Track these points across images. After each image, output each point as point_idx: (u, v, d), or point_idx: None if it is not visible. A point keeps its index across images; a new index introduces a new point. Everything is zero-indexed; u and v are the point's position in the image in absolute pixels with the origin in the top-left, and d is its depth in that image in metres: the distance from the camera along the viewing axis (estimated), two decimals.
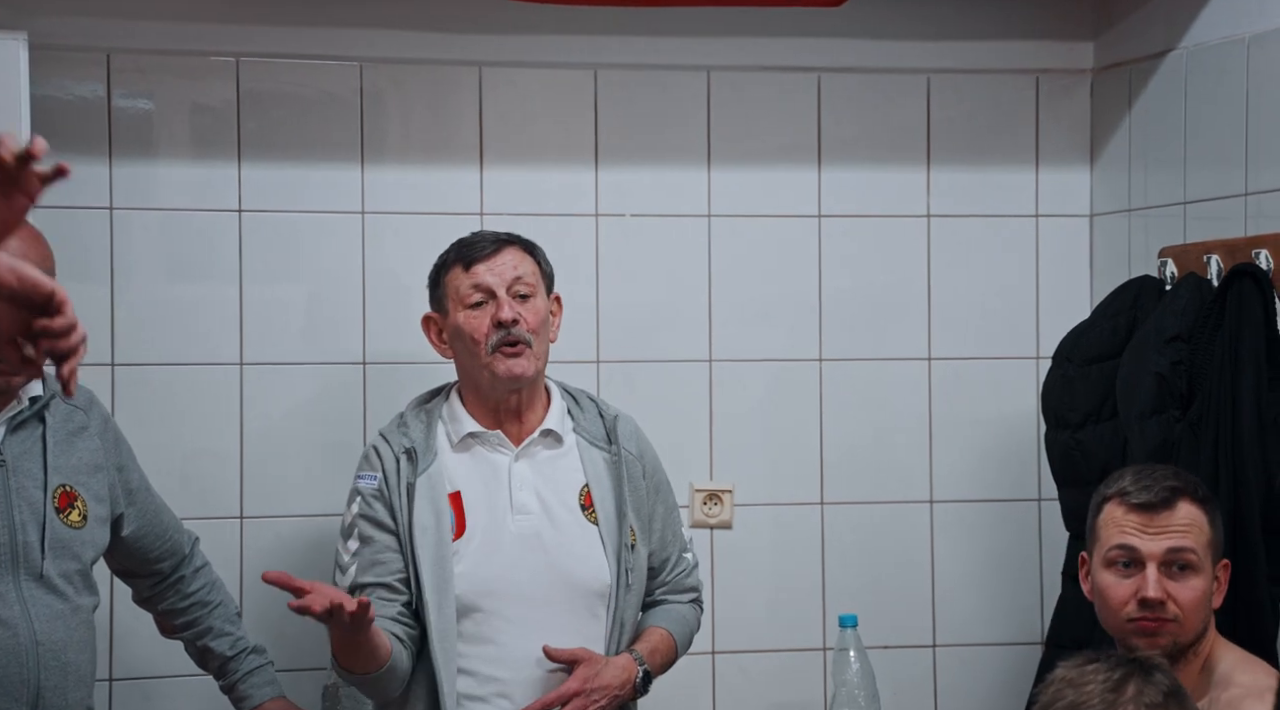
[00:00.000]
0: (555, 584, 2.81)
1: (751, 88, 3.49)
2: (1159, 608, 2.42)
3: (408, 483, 2.79)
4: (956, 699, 3.55)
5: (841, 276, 3.53)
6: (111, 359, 3.23)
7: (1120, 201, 3.50)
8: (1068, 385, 3.15)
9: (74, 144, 3.20)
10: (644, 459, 2.94)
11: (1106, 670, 1.90)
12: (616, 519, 2.84)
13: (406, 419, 2.88)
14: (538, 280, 2.87)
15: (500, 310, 2.80)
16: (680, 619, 2.97)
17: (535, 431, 2.86)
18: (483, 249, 2.85)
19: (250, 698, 2.90)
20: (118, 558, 2.83)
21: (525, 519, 2.81)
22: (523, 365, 2.80)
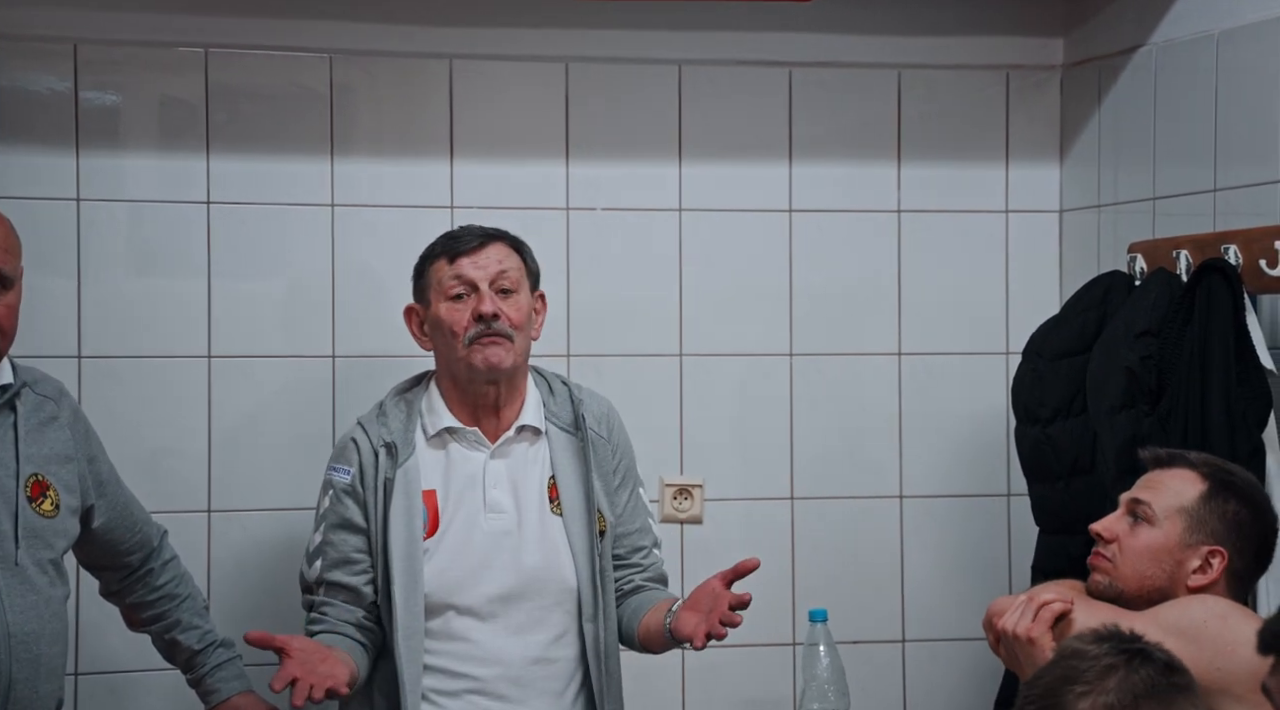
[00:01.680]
0: (524, 581, 2.80)
1: (723, 82, 3.49)
2: (1100, 542, 2.49)
3: (385, 477, 2.77)
4: (925, 693, 3.56)
5: (812, 271, 3.53)
6: (78, 351, 3.21)
7: (1090, 197, 3.51)
8: (1038, 380, 3.16)
9: (41, 135, 3.19)
10: (613, 439, 2.92)
11: (1110, 653, 1.91)
12: (583, 503, 2.83)
13: (386, 409, 2.86)
14: (522, 277, 2.85)
15: (481, 303, 2.78)
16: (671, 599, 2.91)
17: (511, 428, 2.85)
18: (468, 242, 2.84)
19: (218, 691, 2.89)
20: (86, 550, 2.81)
21: (498, 518, 2.80)
22: (499, 355, 2.78)
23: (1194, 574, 2.46)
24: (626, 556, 2.94)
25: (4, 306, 2.54)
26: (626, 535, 2.93)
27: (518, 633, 2.79)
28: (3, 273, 2.53)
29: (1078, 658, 1.92)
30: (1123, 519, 2.51)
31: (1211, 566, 2.46)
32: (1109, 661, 1.90)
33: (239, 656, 2.94)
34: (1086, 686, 1.88)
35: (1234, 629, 2.31)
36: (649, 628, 2.85)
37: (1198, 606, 2.40)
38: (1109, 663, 1.89)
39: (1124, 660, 1.90)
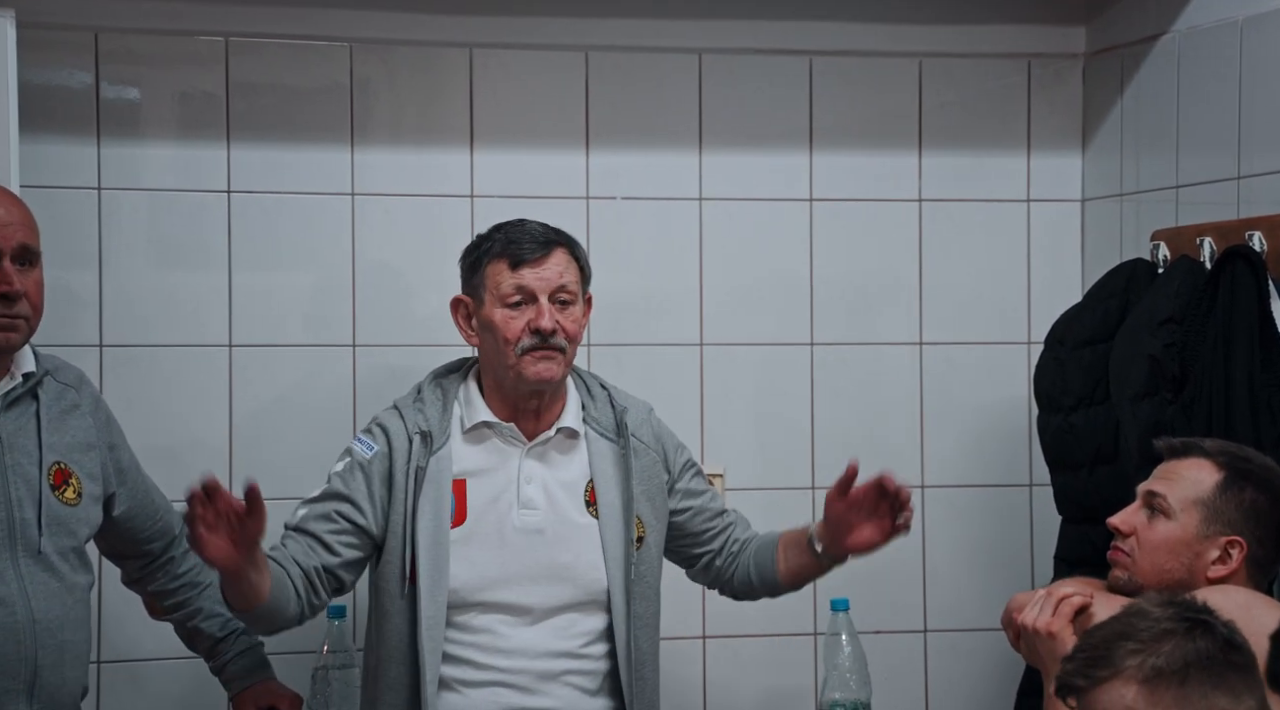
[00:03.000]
0: (554, 580, 2.79)
1: (743, 71, 3.48)
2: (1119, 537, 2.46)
3: (418, 466, 2.76)
4: (947, 684, 3.55)
5: (833, 260, 3.52)
6: (100, 340, 3.22)
7: (1112, 186, 3.49)
8: (1060, 369, 3.15)
9: (62, 124, 3.19)
10: (663, 446, 2.91)
11: (1172, 618, 1.89)
12: (621, 513, 2.82)
13: (424, 394, 2.84)
14: (579, 287, 2.83)
15: (540, 318, 2.75)
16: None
17: (551, 428, 2.83)
18: (532, 251, 2.78)
19: (240, 679, 2.89)
20: (108, 538, 2.81)
21: (531, 515, 2.79)
22: (552, 370, 2.77)
23: (1213, 565, 2.44)
24: (720, 527, 2.97)
25: (33, 282, 2.55)
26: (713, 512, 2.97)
27: (544, 629, 2.79)
28: (29, 247, 2.54)
29: (1140, 616, 1.89)
30: (1139, 512, 2.49)
31: (1231, 557, 2.44)
32: (1169, 626, 1.87)
33: (261, 644, 2.94)
34: (1139, 645, 1.86)
35: (1257, 619, 2.29)
36: (794, 567, 2.92)
37: (1218, 598, 2.38)
38: (1168, 627, 1.87)
39: (1184, 627, 1.87)
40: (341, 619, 3.10)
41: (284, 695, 2.91)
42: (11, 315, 2.51)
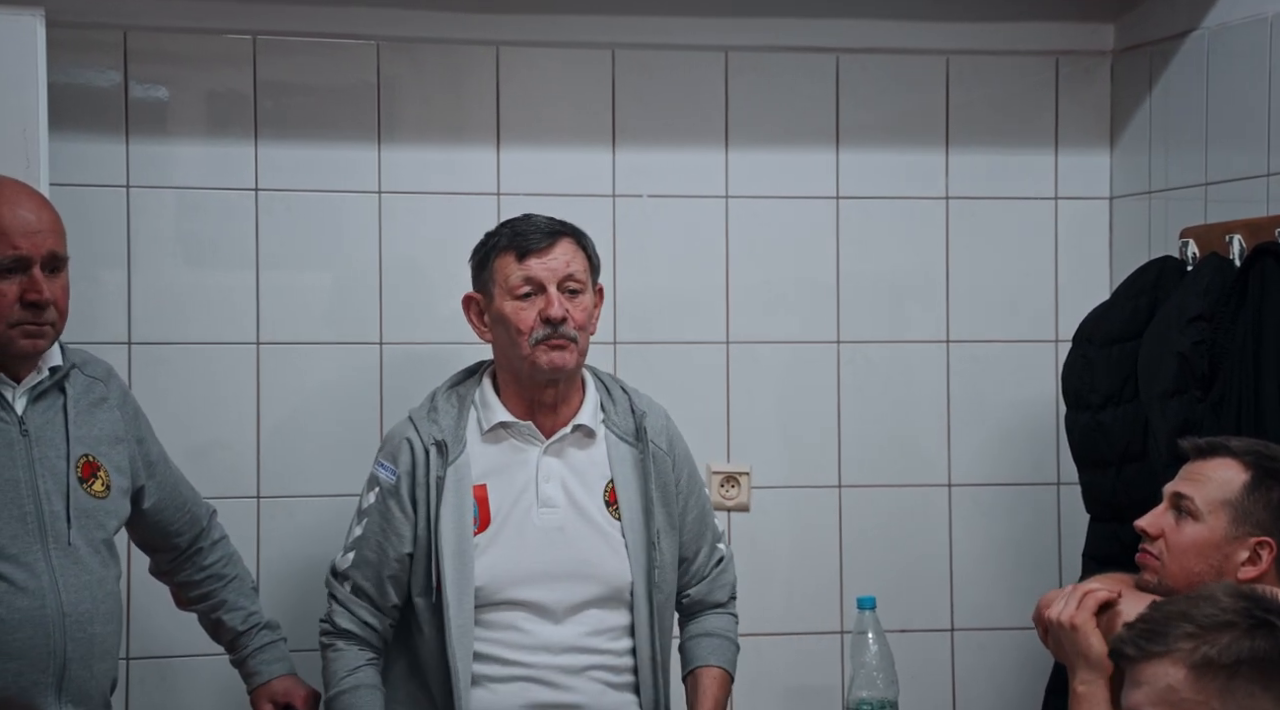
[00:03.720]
0: (577, 577, 2.80)
1: (770, 68, 3.47)
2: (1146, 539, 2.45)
3: (436, 476, 2.77)
4: (974, 682, 3.54)
5: (860, 258, 3.51)
6: (128, 337, 3.23)
7: (1140, 183, 3.48)
8: (1088, 366, 3.14)
9: (91, 122, 3.20)
10: (674, 452, 2.92)
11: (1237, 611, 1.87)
12: (642, 516, 2.83)
13: (438, 404, 2.85)
14: (587, 276, 2.84)
15: (550, 307, 2.76)
16: (724, 643, 2.96)
17: (568, 425, 2.84)
18: (538, 241, 2.80)
19: (259, 674, 2.89)
20: (138, 531, 2.83)
21: (551, 513, 2.80)
22: (565, 358, 2.77)
23: (1243, 566, 2.42)
24: (690, 560, 2.94)
25: (60, 287, 2.56)
26: (692, 540, 2.93)
27: (569, 625, 2.80)
28: (57, 254, 2.55)
29: (1208, 602, 1.88)
30: (1166, 514, 2.46)
31: (1261, 558, 2.42)
32: (1231, 618, 1.85)
33: (284, 640, 2.95)
34: (1196, 629, 1.84)
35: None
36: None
37: None
38: (1230, 620, 1.85)
39: (1248, 624, 1.84)
40: None
41: (300, 692, 2.91)
42: (40, 323, 2.53)
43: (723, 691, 2.92)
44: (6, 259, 2.49)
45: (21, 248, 2.50)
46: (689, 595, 2.95)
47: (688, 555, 2.93)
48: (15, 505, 2.51)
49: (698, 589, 2.95)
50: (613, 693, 2.83)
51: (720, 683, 2.92)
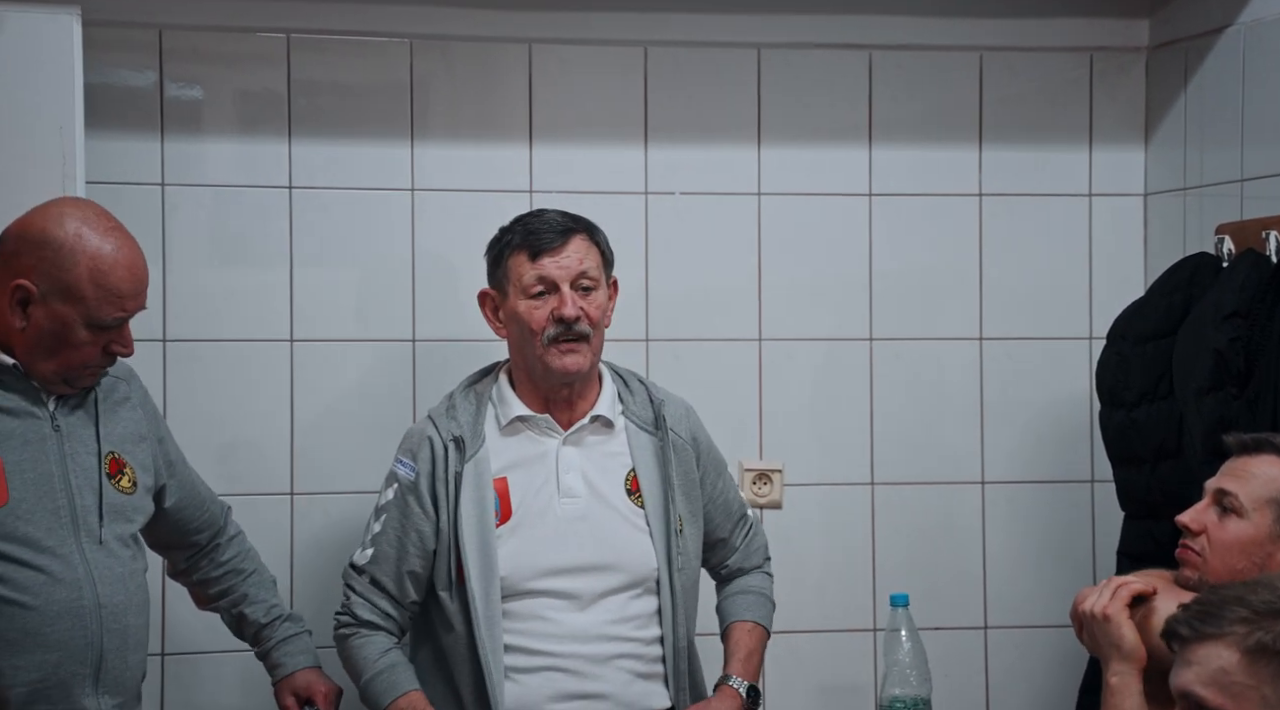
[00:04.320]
0: (602, 565, 2.81)
1: (802, 65, 3.47)
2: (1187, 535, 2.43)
3: (455, 472, 2.79)
4: (1008, 681, 3.53)
5: (892, 255, 3.51)
6: (163, 335, 3.24)
7: (1175, 180, 3.46)
8: (1123, 363, 3.12)
9: (126, 120, 3.22)
10: (697, 442, 2.93)
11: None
12: (663, 504, 2.84)
13: (455, 402, 2.87)
14: (601, 272, 2.85)
15: (563, 306, 2.78)
16: (758, 599, 3.00)
17: (585, 416, 2.86)
18: (550, 240, 2.81)
19: (283, 665, 2.90)
20: (156, 531, 2.83)
21: (572, 503, 2.82)
22: (578, 362, 2.79)
23: None
24: (728, 538, 2.98)
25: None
26: (726, 518, 2.96)
27: (595, 612, 2.81)
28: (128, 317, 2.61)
29: (1268, 588, 1.87)
30: (1210, 510, 2.45)
31: None
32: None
33: (308, 631, 2.96)
34: (1250, 614, 1.84)
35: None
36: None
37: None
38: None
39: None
40: None
41: (321, 687, 2.91)
42: (107, 367, 2.59)
43: (754, 641, 2.94)
44: (112, 320, 2.55)
45: (128, 310, 2.57)
46: (727, 566, 3.00)
47: (722, 536, 2.97)
48: (49, 499, 2.53)
49: (734, 559, 3.02)
50: (640, 682, 2.83)
51: (753, 634, 2.94)
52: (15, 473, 2.51)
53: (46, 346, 2.53)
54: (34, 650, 2.49)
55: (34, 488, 2.52)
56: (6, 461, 2.50)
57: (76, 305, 2.52)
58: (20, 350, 2.54)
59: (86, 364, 2.56)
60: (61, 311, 2.52)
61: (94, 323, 2.53)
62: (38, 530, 2.51)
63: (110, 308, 2.54)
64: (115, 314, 2.54)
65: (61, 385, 2.57)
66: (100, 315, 2.53)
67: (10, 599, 2.48)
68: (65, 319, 2.52)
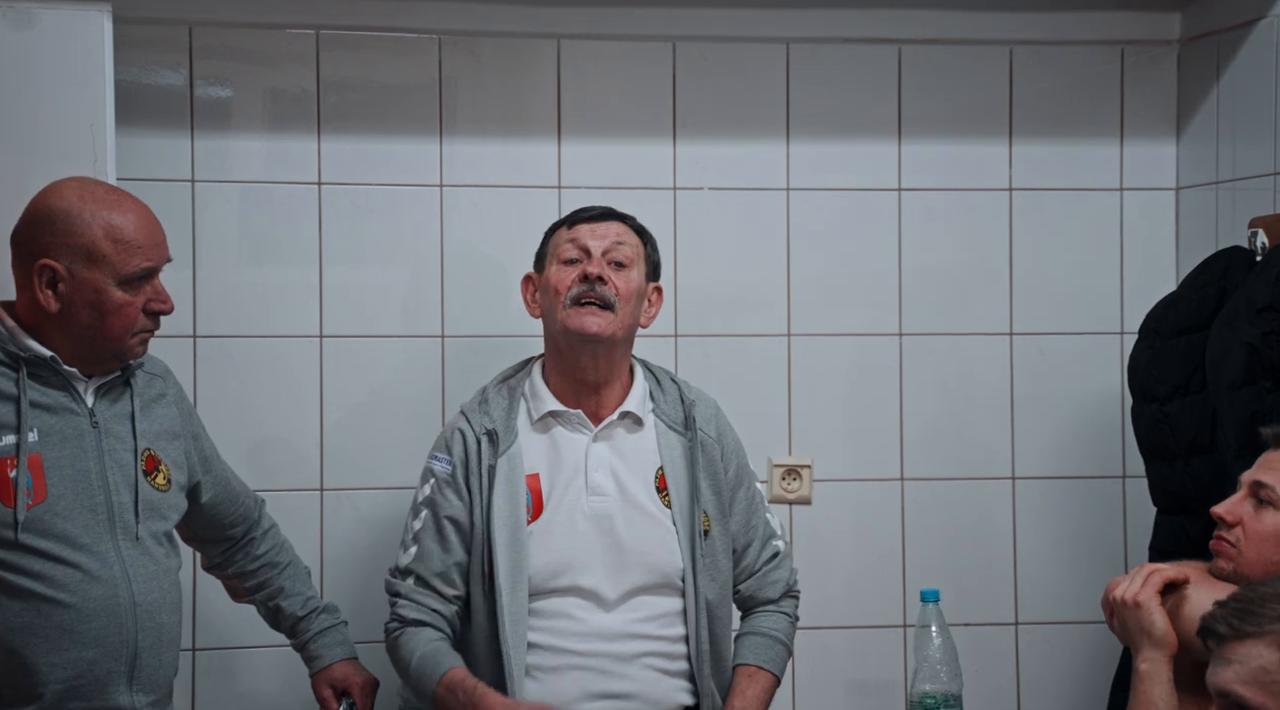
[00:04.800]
0: (628, 564, 2.81)
1: (831, 60, 3.46)
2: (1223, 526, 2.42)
3: (489, 465, 2.79)
4: (1039, 677, 3.51)
5: (922, 250, 3.49)
6: (194, 330, 3.25)
7: (1208, 174, 3.44)
8: (1155, 357, 3.10)
9: (157, 117, 3.23)
10: (723, 442, 2.91)
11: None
12: (689, 504, 2.83)
13: (488, 396, 2.87)
14: (639, 258, 2.86)
15: (589, 265, 2.80)
16: (768, 642, 2.93)
17: (615, 412, 2.85)
18: (592, 212, 2.88)
19: (320, 657, 2.92)
20: (192, 526, 2.85)
21: (600, 500, 2.81)
22: (597, 323, 2.78)
23: None
24: (740, 554, 2.93)
25: None
26: (741, 533, 2.92)
27: (621, 611, 2.80)
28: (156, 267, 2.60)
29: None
30: (1246, 502, 2.43)
31: None
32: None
33: (344, 623, 2.97)
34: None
35: None
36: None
37: None
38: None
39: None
40: None
41: (358, 679, 2.92)
42: (154, 329, 2.60)
43: (757, 689, 2.88)
44: (140, 271, 2.54)
45: (153, 259, 2.56)
46: (739, 591, 2.94)
47: (736, 547, 2.92)
48: (87, 496, 2.54)
49: (748, 584, 2.94)
50: (666, 680, 2.83)
51: (756, 681, 2.89)
52: (54, 469, 2.52)
53: (87, 322, 2.53)
54: (70, 647, 2.50)
55: (72, 485, 2.53)
56: (46, 458, 2.52)
57: (102, 266, 2.52)
58: (60, 338, 2.54)
59: (131, 329, 2.55)
60: (90, 278, 2.52)
61: (123, 278, 2.53)
62: (75, 527, 2.52)
63: (136, 259, 2.54)
64: (142, 264, 2.54)
65: (113, 362, 2.57)
66: (127, 269, 2.53)
67: (48, 596, 2.49)
68: (96, 284, 2.53)
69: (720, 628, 2.88)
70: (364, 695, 2.91)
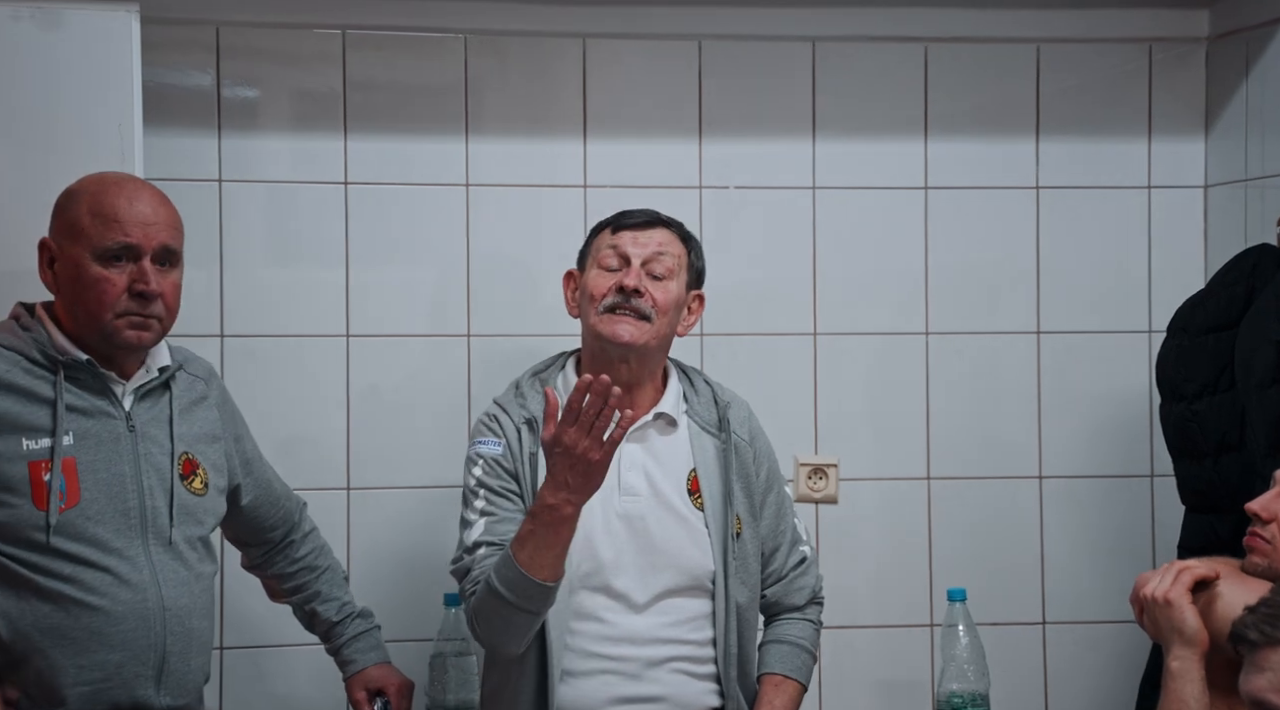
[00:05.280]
0: (658, 566, 2.79)
1: (857, 58, 3.45)
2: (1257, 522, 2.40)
3: (530, 453, 2.77)
4: (1067, 676, 3.50)
5: (949, 249, 3.48)
6: (221, 330, 3.26)
7: (1236, 171, 3.42)
8: (1183, 356, 3.09)
9: (183, 117, 3.24)
10: (756, 445, 2.90)
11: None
12: (722, 506, 2.82)
13: (523, 389, 2.86)
14: (679, 267, 2.83)
15: (627, 276, 2.77)
16: (793, 650, 2.91)
17: (649, 413, 2.84)
18: (637, 218, 2.84)
19: (354, 662, 2.92)
20: (232, 527, 2.86)
21: (632, 501, 2.79)
22: (628, 331, 2.76)
23: None
24: (768, 558, 2.91)
25: (170, 284, 2.58)
26: (770, 537, 2.90)
27: (651, 615, 2.79)
28: (170, 248, 2.57)
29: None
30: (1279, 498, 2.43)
31: None
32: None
33: (377, 627, 2.97)
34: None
35: None
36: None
37: None
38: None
39: None
40: (458, 607, 3.11)
41: (394, 680, 2.92)
42: (146, 315, 2.55)
43: (784, 699, 2.86)
44: (116, 246, 2.52)
45: (132, 237, 2.53)
46: (765, 596, 2.92)
47: (764, 551, 2.90)
48: (120, 500, 2.54)
49: (774, 590, 2.92)
50: (695, 682, 2.81)
51: (783, 691, 2.87)
52: (88, 473, 2.52)
53: (71, 300, 2.54)
54: (98, 650, 2.50)
55: (105, 488, 2.53)
56: (80, 462, 2.52)
57: (80, 240, 2.53)
58: (66, 321, 2.55)
59: (111, 308, 2.52)
60: (72, 254, 2.53)
61: (99, 252, 2.51)
62: (106, 531, 2.52)
63: (113, 233, 2.52)
64: (118, 238, 2.52)
65: (118, 351, 2.56)
66: (101, 242, 2.51)
67: (77, 599, 2.49)
68: (76, 260, 2.53)
69: (748, 631, 2.87)
70: (400, 696, 2.91)
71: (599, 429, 2.52)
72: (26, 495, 2.48)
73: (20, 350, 2.53)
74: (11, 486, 2.48)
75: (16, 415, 2.50)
